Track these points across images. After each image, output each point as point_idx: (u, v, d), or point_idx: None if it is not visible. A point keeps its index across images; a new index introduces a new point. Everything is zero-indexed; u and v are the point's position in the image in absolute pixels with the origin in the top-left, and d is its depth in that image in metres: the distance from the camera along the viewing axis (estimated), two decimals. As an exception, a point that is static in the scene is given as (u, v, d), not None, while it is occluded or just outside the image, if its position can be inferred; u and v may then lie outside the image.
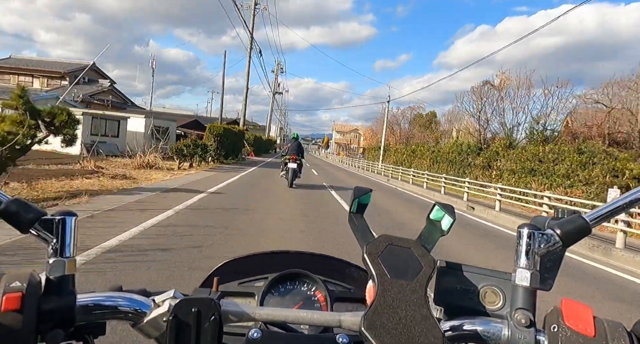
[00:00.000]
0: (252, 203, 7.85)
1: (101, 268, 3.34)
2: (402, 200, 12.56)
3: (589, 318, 0.39)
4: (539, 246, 0.43)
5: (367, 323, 0.40)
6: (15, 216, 0.44)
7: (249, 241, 4.84)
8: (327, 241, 5.27)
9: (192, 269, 3.51)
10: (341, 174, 23.72)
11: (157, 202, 7.00)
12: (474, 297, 0.46)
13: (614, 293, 4.58)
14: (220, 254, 4.07)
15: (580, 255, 6.47)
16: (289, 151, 11.53)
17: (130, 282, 3.05)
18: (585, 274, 5.34)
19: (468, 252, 5.85)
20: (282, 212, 7.12)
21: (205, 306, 0.43)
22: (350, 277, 0.81)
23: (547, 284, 0.44)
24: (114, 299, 0.46)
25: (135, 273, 3.30)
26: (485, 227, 8.73)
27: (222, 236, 4.90)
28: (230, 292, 0.72)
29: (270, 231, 5.54)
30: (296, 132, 13.36)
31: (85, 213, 5.40)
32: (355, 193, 0.51)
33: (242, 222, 5.93)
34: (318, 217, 7.01)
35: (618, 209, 0.44)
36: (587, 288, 4.66)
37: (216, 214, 6.35)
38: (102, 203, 6.36)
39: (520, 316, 0.41)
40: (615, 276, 5.41)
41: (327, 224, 6.41)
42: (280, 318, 0.48)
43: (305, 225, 6.24)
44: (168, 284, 3.12)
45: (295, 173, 11.31)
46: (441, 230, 0.49)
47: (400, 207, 10.62)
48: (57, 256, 0.44)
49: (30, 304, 0.40)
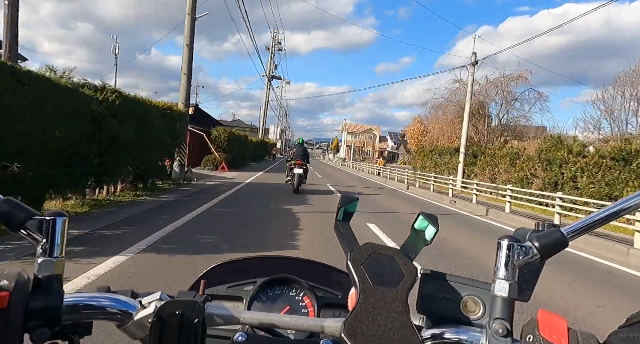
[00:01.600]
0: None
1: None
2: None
3: (564, 329, 0.40)
4: (518, 257, 0.43)
5: (347, 329, 0.40)
6: (6, 216, 0.44)
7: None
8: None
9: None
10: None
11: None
12: (455, 306, 0.47)
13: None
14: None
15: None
16: (294, 156, 11.39)
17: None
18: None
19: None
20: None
21: (189, 309, 0.44)
22: (338, 283, 0.81)
23: (525, 295, 0.45)
24: (100, 299, 0.46)
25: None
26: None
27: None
28: (218, 295, 0.72)
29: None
30: (301, 137, 13.02)
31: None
32: (341, 202, 0.52)
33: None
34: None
35: (595, 223, 0.44)
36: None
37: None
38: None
39: (498, 326, 0.42)
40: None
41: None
42: (264, 322, 0.49)
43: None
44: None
45: (301, 178, 11.11)
46: (424, 240, 0.50)
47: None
48: (46, 256, 0.45)
49: (17, 303, 0.40)
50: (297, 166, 10.93)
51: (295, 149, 12.04)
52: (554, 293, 4.06)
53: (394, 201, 12.32)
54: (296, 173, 10.86)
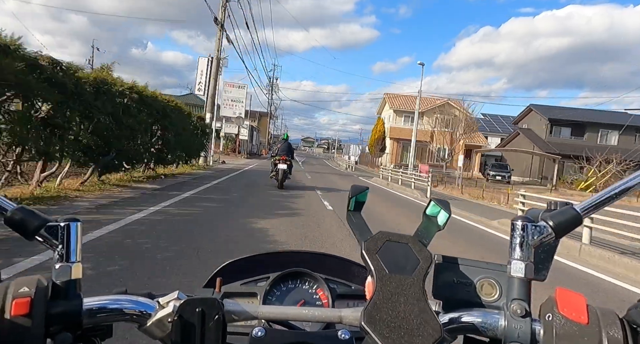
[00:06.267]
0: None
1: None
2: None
3: (583, 306, 0.40)
4: (533, 237, 0.43)
5: (367, 318, 0.41)
6: (20, 224, 0.45)
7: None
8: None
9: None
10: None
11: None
12: (471, 289, 0.47)
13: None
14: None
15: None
16: (279, 152, 11.45)
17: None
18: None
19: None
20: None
21: (208, 306, 0.44)
22: (350, 274, 0.82)
23: (542, 274, 0.45)
24: (119, 302, 0.47)
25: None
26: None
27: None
28: (233, 292, 0.72)
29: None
30: (286, 133, 13.45)
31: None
32: (352, 192, 0.52)
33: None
34: None
35: (608, 199, 0.44)
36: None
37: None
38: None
39: (516, 307, 0.42)
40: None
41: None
42: (282, 315, 0.50)
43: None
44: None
45: (285, 174, 11.18)
46: (437, 225, 0.50)
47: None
48: (63, 262, 0.45)
49: (38, 309, 0.41)
50: (281, 161, 11.04)
51: (280, 144, 12.13)
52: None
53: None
54: (280, 169, 10.99)
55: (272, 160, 11.81)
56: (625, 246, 6.88)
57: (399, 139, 38.11)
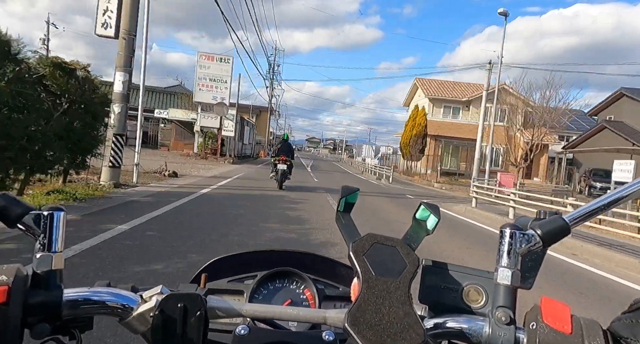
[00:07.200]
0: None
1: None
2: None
3: (567, 316, 0.40)
4: (520, 245, 0.43)
5: (350, 319, 0.40)
6: (3, 211, 0.44)
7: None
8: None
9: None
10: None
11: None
12: (458, 295, 0.47)
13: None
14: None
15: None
16: (279, 153, 11.45)
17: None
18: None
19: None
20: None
21: (191, 302, 0.44)
22: (338, 275, 0.81)
23: (528, 282, 0.45)
24: (101, 294, 0.46)
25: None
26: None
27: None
28: (218, 289, 0.71)
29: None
30: (286, 133, 13.86)
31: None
32: (342, 193, 0.51)
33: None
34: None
35: (597, 210, 0.44)
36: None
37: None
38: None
39: (501, 314, 0.42)
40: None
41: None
42: (266, 314, 0.49)
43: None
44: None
45: (285, 174, 11.19)
46: (426, 229, 0.50)
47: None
48: (44, 251, 0.44)
49: (16, 298, 0.40)
50: (281, 162, 11.04)
51: (280, 145, 12.12)
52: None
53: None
54: (280, 169, 10.99)
55: (272, 160, 11.83)
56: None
57: (437, 136, 27.97)
